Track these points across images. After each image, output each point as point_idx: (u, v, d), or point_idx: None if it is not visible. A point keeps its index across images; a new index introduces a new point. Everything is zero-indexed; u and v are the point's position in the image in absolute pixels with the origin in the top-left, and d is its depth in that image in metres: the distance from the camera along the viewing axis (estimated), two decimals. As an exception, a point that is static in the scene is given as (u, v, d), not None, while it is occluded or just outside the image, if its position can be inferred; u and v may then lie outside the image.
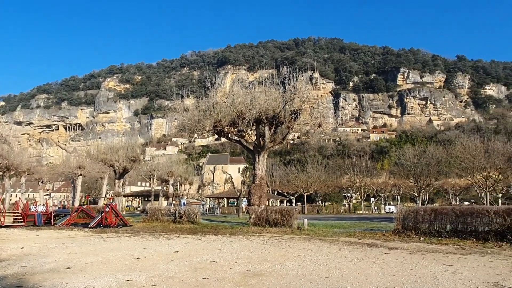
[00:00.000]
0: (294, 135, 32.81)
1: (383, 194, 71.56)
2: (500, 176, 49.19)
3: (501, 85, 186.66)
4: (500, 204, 50.04)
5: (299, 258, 10.44)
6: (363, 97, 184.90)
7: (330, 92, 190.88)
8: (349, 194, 73.56)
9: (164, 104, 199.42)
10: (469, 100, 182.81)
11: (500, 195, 58.50)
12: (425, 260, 10.23)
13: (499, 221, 13.43)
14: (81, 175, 48.23)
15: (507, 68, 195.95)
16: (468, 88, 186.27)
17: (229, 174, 52.59)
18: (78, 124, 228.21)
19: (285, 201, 65.03)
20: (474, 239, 13.69)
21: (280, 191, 66.47)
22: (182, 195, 67.65)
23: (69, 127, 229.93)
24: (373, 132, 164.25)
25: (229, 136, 22.57)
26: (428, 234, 14.89)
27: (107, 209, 23.26)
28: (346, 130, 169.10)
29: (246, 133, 22.91)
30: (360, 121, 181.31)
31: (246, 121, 21.33)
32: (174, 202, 51.33)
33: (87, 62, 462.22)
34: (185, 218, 22.70)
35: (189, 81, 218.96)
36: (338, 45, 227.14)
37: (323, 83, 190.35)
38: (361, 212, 64.62)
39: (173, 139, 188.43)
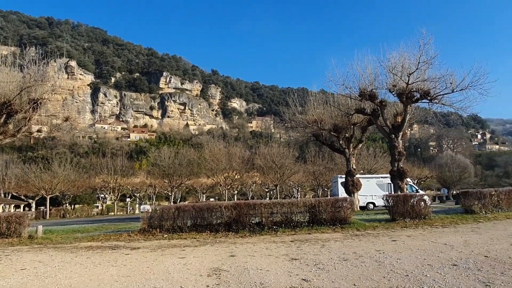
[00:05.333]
0: (41, 128, 27.98)
1: (138, 194, 71.68)
2: (237, 176, 59.13)
3: (242, 100, 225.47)
4: (236, 199, 59.90)
5: (21, 273, 8.81)
6: (125, 95, 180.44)
7: (88, 85, 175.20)
8: (102, 195, 69.81)
9: None
10: (219, 110, 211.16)
11: (236, 192, 70.13)
12: (163, 256, 10.69)
13: (228, 214, 15.80)
14: None
15: (247, 87, 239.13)
16: (219, 99, 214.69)
17: None
18: None
19: (22, 206, 54.91)
20: (209, 231, 15.51)
21: (15, 194, 55.55)
22: None
23: None
24: (134, 131, 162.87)
25: None
26: (171, 230, 15.77)
27: None
28: (104, 128, 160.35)
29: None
30: (121, 119, 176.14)
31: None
32: None
33: None
34: None
35: None
36: (101, 36, 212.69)
37: (81, 74, 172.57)
38: (114, 213, 62.44)
39: None
